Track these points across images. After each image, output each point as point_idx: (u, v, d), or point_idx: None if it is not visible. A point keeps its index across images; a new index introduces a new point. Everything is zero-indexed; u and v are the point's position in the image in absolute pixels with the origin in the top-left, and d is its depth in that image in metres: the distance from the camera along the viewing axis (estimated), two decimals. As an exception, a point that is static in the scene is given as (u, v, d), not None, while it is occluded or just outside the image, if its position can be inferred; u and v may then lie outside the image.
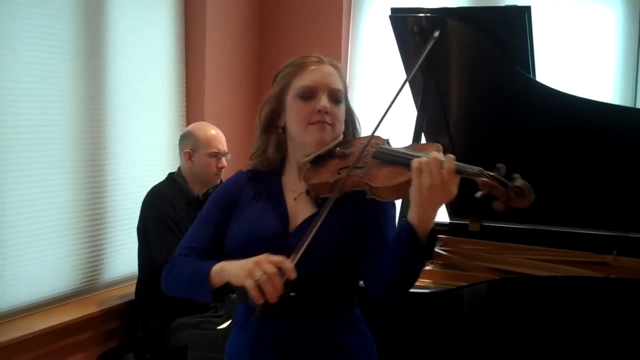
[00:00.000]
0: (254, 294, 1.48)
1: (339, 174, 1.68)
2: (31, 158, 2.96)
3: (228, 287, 1.63)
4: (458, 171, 1.51)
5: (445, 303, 2.57)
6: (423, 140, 3.04)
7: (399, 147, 1.74)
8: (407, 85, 3.12)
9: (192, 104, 3.91)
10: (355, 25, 4.35)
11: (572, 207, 3.12)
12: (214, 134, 3.26)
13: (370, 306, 1.72)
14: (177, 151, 3.29)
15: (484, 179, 1.51)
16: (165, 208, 3.11)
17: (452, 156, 1.52)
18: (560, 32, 3.84)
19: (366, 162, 1.68)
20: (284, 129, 1.79)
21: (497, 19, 2.83)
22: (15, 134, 2.88)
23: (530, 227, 3.27)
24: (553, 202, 3.09)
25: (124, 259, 3.50)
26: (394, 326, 2.51)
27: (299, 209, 1.75)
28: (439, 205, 1.53)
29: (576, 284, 2.64)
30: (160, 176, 3.33)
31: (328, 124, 1.73)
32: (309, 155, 1.75)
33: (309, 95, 1.74)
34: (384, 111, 1.74)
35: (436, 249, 3.11)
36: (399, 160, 1.63)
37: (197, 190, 3.25)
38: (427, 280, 2.82)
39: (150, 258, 3.12)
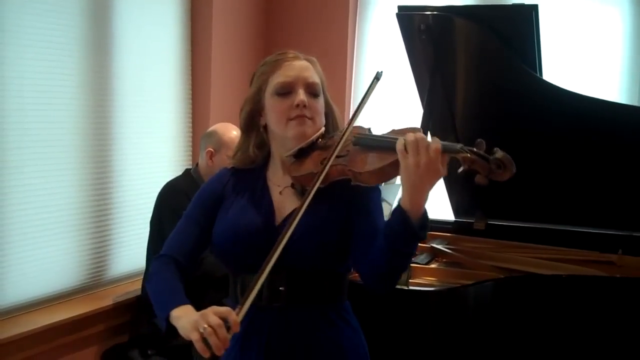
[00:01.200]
0: (198, 346, 1.46)
1: (322, 164, 1.67)
2: (37, 154, 2.96)
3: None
4: (443, 148, 1.50)
5: (450, 301, 2.57)
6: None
7: (378, 133, 1.74)
8: (414, 82, 3.15)
9: (198, 100, 3.91)
10: (362, 23, 4.34)
11: (578, 205, 3.11)
12: (238, 136, 3.24)
13: (369, 303, 1.72)
14: (183, 147, 3.29)
15: (465, 154, 1.51)
16: (182, 202, 3.10)
17: (436, 138, 1.52)
18: (566, 31, 3.83)
19: (348, 151, 1.68)
20: (265, 127, 1.79)
21: (504, 17, 2.83)
22: (22, 130, 2.88)
23: (535, 226, 3.27)
24: (558, 201, 3.09)
25: (129, 255, 3.50)
26: (399, 324, 2.51)
27: (285, 202, 1.75)
28: (429, 187, 1.51)
29: (581, 283, 2.64)
30: (165, 171, 3.34)
31: (308, 117, 1.73)
32: (292, 149, 1.75)
33: (286, 91, 1.74)
34: (361, 100, 1.73)
35: (441, 247, 3.12)
36: (380, 144, 1.63)
37: None
38: (432, 279, 2.83)
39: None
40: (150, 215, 3.20)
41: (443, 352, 2.54)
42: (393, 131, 1.72)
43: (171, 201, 3.12)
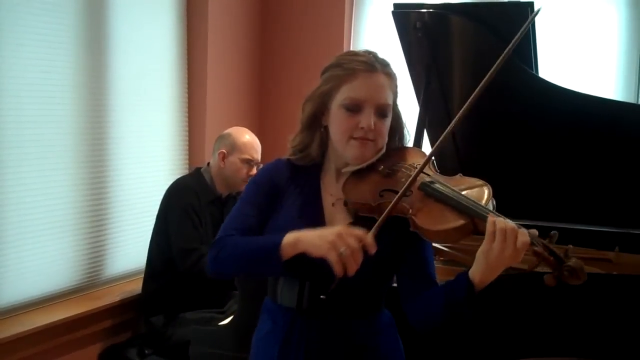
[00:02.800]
0: (337, 267, 1.48)
1: (381, 196, 1.64)
2: (33, 154, 2.96)
3: (299, 259, 1.59)
4: (532, 244, 1.51)
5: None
6: (425, 139, 3.04)
7: (446, 179, 1.68)
8: (410, 80, 3.14)
9: (194, 101, 3.91)
10: (358, 21, 4.34)
11: (575, 203, 3.11)
12: (252, 140, 3.27)
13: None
14: (179, 147, 3.29)
15: (537, 248, 1.51)
16: (191, 200, 3.12)
17: (525, 233, 1.51)
18: (562, 28, 3.84)
19: (412, 191, 1.63)
20: (326, 128, 1.75)
21: (500, 14, 2.82)
22: (18, 129, 2.88)
23: (532, 223, 3.25)
24: (555, 198, 3.09)
25: (126, 255, 3.50)
26: (397, 322, 2.51)
27: (336, 216, 1.72)
28: (502, 269, 1.53)
29: (578, 280, 2.63)
30: (162, 172, 3.34)
31: (370, 140, 1.68)
32: (349, 166, 1.71)
33: (355, 108, 1.67)
34: (436, 145, 1.69)
35: (439, 246, 3.12)
36: (448, 201, 1.58)
37: (222, 191, 3.26)
38: (429, 277, 2.82)
39: (164, 247, 3.13)
40: (147, 214, 3.21)
41: (440, 351, 2.54)
42: (460, 178, 1.69)
43: (180, 198, 3.13)
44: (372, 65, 1.69)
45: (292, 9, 4.40)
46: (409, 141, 1.85)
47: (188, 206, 3.11)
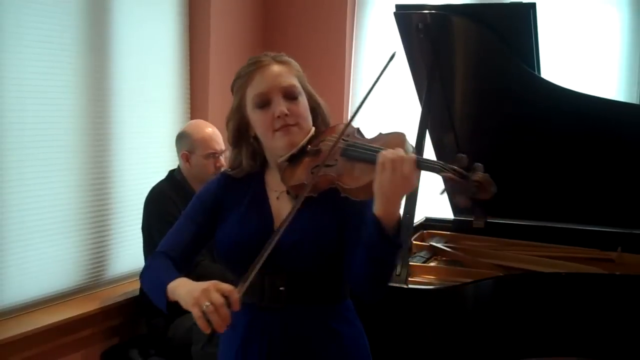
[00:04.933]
0: (200, 323, 1.47)
1: (312, 173, 1.67)
2: (35, 154, 2.96)
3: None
4: (419, 166, 1.53)
5: (450, 300, 2.56)
6: (427, 139, 3.04)
7: (366, 138, 1.73)
8: (412, 81, 3.15)
9: (196, 101, 3.91)
10: (360, 22, 4.34)
11: (577, 203, 3.12)
12: (210, 133, 3.22)
13: (372, 304, 1.71)
14: (181, 148, 3.28)
15: (446, 173, 1.52)
16: (167, 207, 3.11)
17: (412, 156, 1.52)
18: (564, 29, 3.84)
19: (336, 160, 1.67)
20: (255, 137, 1.79)
21: (502, 15, 2.82)
22: (20, 130, 2.88)
23: (534, 224, 3.27)
24: (558, 198, 3.09)
25: (127, 255, 3.50)
26: (398, 323, 2.51)
27: (282, 207, 1.75)
28: (401, 197, 1.54)
29: (581, 280, 2.64)
30: (164, 172, 3.33)
31: (292, 125, 1.71)
32: (283, 156, 1.74)
33: (264, 103, 1.72)
34: (359, 103, 1.71)
35: (440, 245, 3.12)
36: (365, 157, 1.62)
37: (197, 188, 3.25)
38: (431, 277, 2.82)
39: None
40: (147, 216, 3.20)
41: (442, 351, 2.54)
42: (380, 135, 1.72)
43: (158, 207, 3.12)
44: (261, 60, 1.76)
45: (294, 11, 4.40)
46: (330, 120, 1.86)
47: (166, 214, 3.09)
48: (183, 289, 1.56)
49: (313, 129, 1.77)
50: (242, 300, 1.51)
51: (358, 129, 1.77)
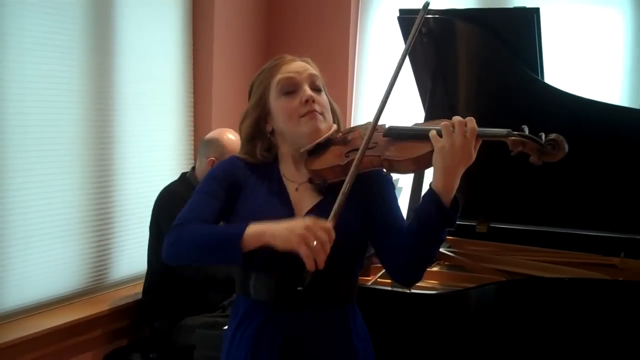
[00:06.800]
0: (309, 261, 1.48)
1: (347, 156, 1.68)
2: (38, 157, 2.96)
3: (258, 251, 1.59)
4: (480, 133, 1.55)
5: (452, 304, 2.56)
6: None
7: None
8: (415, 85, 3.15)
9: (199, 105, 3.92)
10: (363, 26, 4.35)
11: (580, 208, 3.11)
12: (239, 142, 3.23)
13: (371, 306, 1.72)
14: (185, 151, 3.28)
15: (514, 138, 1.55)
16: (178, 207, 3.10)
17: (472, 122, 1.55)
18: (568, 34, 3.83)
19: (376, 143, 1.68)
20: (272, 132, 1.78)
21: (505, 20, 2.82)
22: (23, 133, 2.88)
23: (537, 229, 3.26)
24: (561, 204, 3.09)
25: (130, 258, 3.50)
26: (401, 327, 2.51)
27: (303, 198, 1.74)
28: (460, 170, 1.55)
29: (583, 286, 2.63)
30: (167, 175, 3.34)
31: (318, 112, 1.73)
32: (307, 146, 1.73)
33: (291, 89, 1.73)
34: (385, 96, 1.71)
35: (443, 250, 3.11)
36: (414, 134, 1.64)
37: None
38: (434, 281, 2.82)
39: (162, 258, 3.12)
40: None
41: (444, 356, 2.53)
42: (424, 123, 1.74)
43: (169, 207, 3.11)
44: (285, 56, 1.81)
45: (297, 14, 4.40)
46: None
47: (177, 214, 3.09)
48: (277, 229, 1.55)
49: (335, 125, 1.78)
50: (257, 298, 1.54)
51: (385, 125, 1.76)
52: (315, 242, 1.48)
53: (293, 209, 1.73)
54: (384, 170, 1.68)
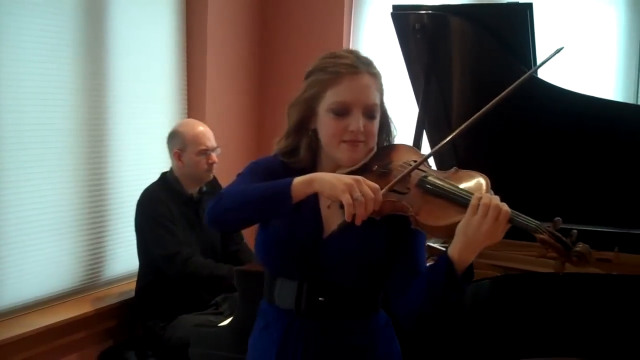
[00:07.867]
0: (348, 210, 1.48)
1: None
2: (32, 155, 2.96)
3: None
4: (511, 221, 1.49)
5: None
6: (425, 140, 3.04)
7: (441, 174, 1.67)
8: (409, 82, 3.14)
9: (193, 102, 3.91)
10: (357, 23, 4.34)
11: (574, 203, 3.11)
12: (201, 130, 3.24)
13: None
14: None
15: (542, 235, 1.49)
16: (158, 209, 3.12)
17: (508, 209, 1.50)
18: (562, 29, 3.83)
19: (408, 188, 1.62)
20: (314, 130, 1.73)
21: (499, 15, 2.82)
22: (17, 131, 2.88)
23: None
24: (554, 198, 3.09)
25: (124, 256, 3.50)
26: (394, 322, 2.51)
27: (333, 217, 1.68)
28: (481, 247, 1.50)
29: (578, 281, 2.63)
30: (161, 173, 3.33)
31: (361, 141, 1.68)
32: (341, 168, 1.69)
33: (342, 112, 1.66)
34: (440, 143, 1.70)
35: (437, 246, 3.11)
36: (449, 196, 1.57)
37: (191, 188, 3.26)
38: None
39: (149, 258, 3.14)
40: (144, 217, 3.20)
41: (439, 351, 2.54)
42: (458, 171, 1.67)
43: (148, 209, 3.13)
44: (356, 66, 1.68)
45: (291, 10, 4.40)
46: (396, 137, 1.83)
47: (157, 216, 3.10)
48: (326, 176, 1.55)
49: (375, 148, 1.74)
50: (280, 305, 1.58)
51: (425, 157, 1.71)
52: (359, 195, 1.48)
53: (322, 225, 1.71)
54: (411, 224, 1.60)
